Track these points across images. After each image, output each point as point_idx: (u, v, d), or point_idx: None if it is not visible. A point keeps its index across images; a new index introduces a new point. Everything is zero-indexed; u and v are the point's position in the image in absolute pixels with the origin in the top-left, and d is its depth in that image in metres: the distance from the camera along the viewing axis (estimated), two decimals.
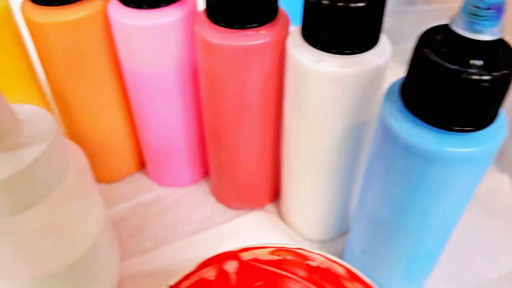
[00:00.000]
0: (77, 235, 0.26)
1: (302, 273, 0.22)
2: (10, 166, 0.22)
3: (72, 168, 0.25)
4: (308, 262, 0.21)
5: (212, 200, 0.37)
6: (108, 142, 0.36)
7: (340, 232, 0.34)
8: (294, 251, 0.21)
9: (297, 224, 0.34)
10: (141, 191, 0.38)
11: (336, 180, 0.30)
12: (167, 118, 0.34)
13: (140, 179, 0.39)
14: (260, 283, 0.22)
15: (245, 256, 0.21)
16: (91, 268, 0.28)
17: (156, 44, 0.30)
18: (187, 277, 0.20)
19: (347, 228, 0.35)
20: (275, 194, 0.37)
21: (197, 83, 0.33)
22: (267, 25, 0.27)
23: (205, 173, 0.39)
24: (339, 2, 0.24)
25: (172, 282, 0.20)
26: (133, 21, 0.29)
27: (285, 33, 0.28)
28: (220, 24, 0.27)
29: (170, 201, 0.37)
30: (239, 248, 0.21)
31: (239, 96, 0.29)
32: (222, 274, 0.21)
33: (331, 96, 0.26)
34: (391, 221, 0.25)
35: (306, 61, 0.25)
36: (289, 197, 0.33)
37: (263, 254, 0.22)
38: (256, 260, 0.22)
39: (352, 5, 0.24)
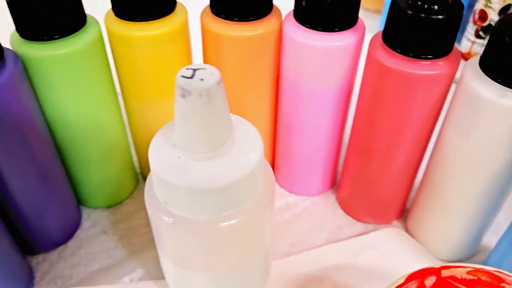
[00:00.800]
0: (258, 242, 0.28)
1: None
2: (230, 172, 0.24)
3: (264, 177, 0.27)
4: (504, 284, 0.23)
5: (339, 212, 0.39)
6: None
7: (470, 254, 0.36)
8: (491, 273, 0.23)
9: (429, 243, 0.36)
10: None
11: (485, 206, 0.32)
12: (316, 129, 0.36)
13: None
14: None
15: (444, 273, 0.23)
16: (259, 269, 0.30)
17: (325, 64, 0.32)
18: (398, 287, 0.22)
19: (477, 250, 0.36)
20: (401, 212, 0.39)
21: (349, 101, 0.35)
22: (442, 58, 0.29)
23: (331, 184, 0.41)
24: None
25: None
26: (309, 41, 0.31)
27: (457, 67, 0.30)
28: (397, 50, 0.29)
29: (300, 209, 0.40)
30: (441, 265, 0.23)
31: (401, 119, 0.31)
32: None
33: (508, 129, 0.27)
34: None
35: (488, 94, 0.27)
36: (426, 216, 0.35)
37: (460, 273, 0.23)
38: (453, 278, 0.23)
39: None
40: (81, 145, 0.34)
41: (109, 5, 0.32)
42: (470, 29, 0.52)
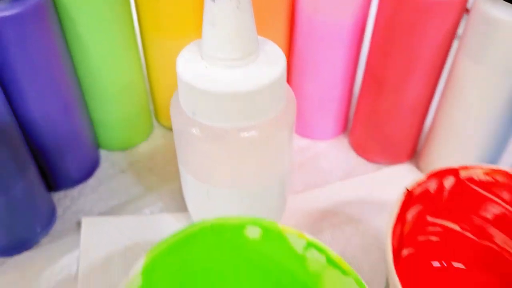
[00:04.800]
0: (277, 161, 0.29)
1: (506, 196, 0.24)
2: (257, 79, 0.25)
3: (286, 98, 0.28)
4: None
5: (352, 154, 0.40)
6: None
7: None
8: (508, 173, 0.24)
9: None
10: None
11: (501, 134, 0.33)
12: (329, 68, 0.37)
13: None
14: (464, 203, 0.25)
15: (463, 174, 0.24)
16: (277, 192, 0.31)
17: None
18: (419, 184, 0.23)
19: None
20: (413, 152, 0.40)
21: (362, 37, 0.36)
22: None
23: (343, 129, 0.42)
24: None
25: (410, 187, 0.23)
26: None
27: None
28: None
29: (313, 152, 0.40)
30: (460, 166, 0.24)
31: (414, 48, 0.32)
32: (440, 189, 0.24)
33: None
34: None
35: (501, 16, 0.28)
36: (440, 152, 0.36)
37: (478, 174, 0.24)
38: (470, 179, 0.24)
39: None
40: (98, 80, 0.35)
41: None
42: None
